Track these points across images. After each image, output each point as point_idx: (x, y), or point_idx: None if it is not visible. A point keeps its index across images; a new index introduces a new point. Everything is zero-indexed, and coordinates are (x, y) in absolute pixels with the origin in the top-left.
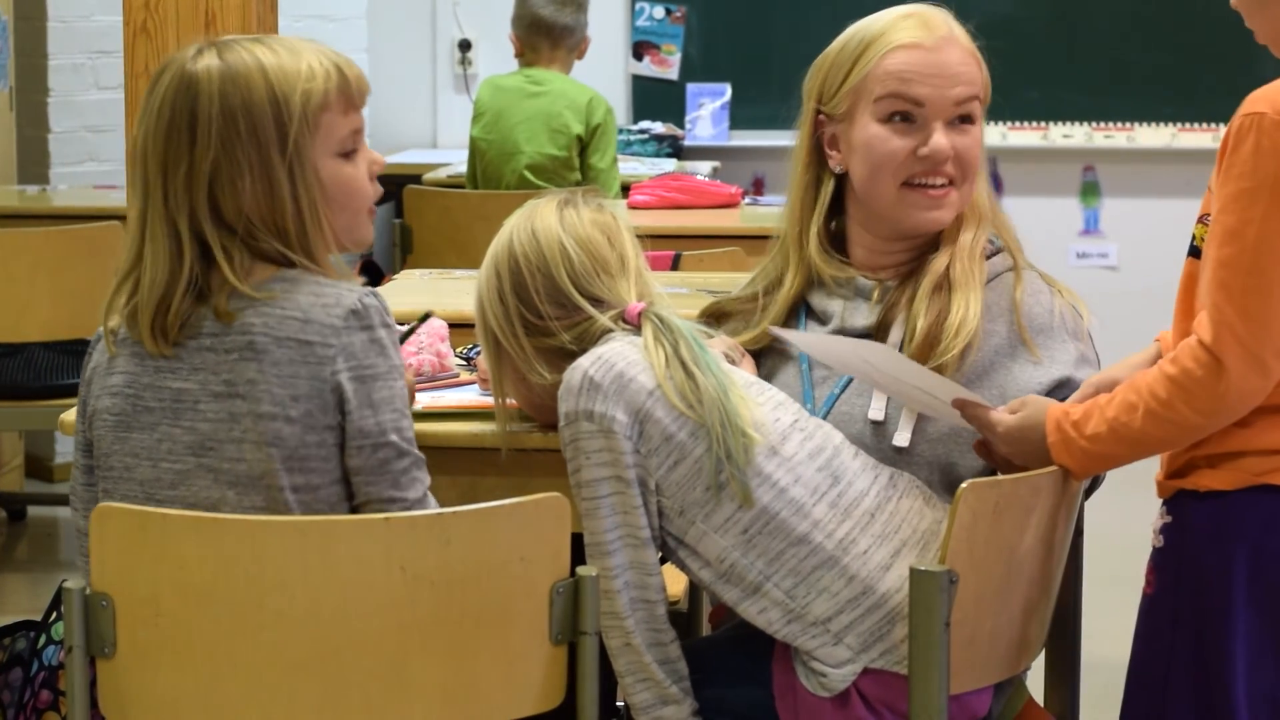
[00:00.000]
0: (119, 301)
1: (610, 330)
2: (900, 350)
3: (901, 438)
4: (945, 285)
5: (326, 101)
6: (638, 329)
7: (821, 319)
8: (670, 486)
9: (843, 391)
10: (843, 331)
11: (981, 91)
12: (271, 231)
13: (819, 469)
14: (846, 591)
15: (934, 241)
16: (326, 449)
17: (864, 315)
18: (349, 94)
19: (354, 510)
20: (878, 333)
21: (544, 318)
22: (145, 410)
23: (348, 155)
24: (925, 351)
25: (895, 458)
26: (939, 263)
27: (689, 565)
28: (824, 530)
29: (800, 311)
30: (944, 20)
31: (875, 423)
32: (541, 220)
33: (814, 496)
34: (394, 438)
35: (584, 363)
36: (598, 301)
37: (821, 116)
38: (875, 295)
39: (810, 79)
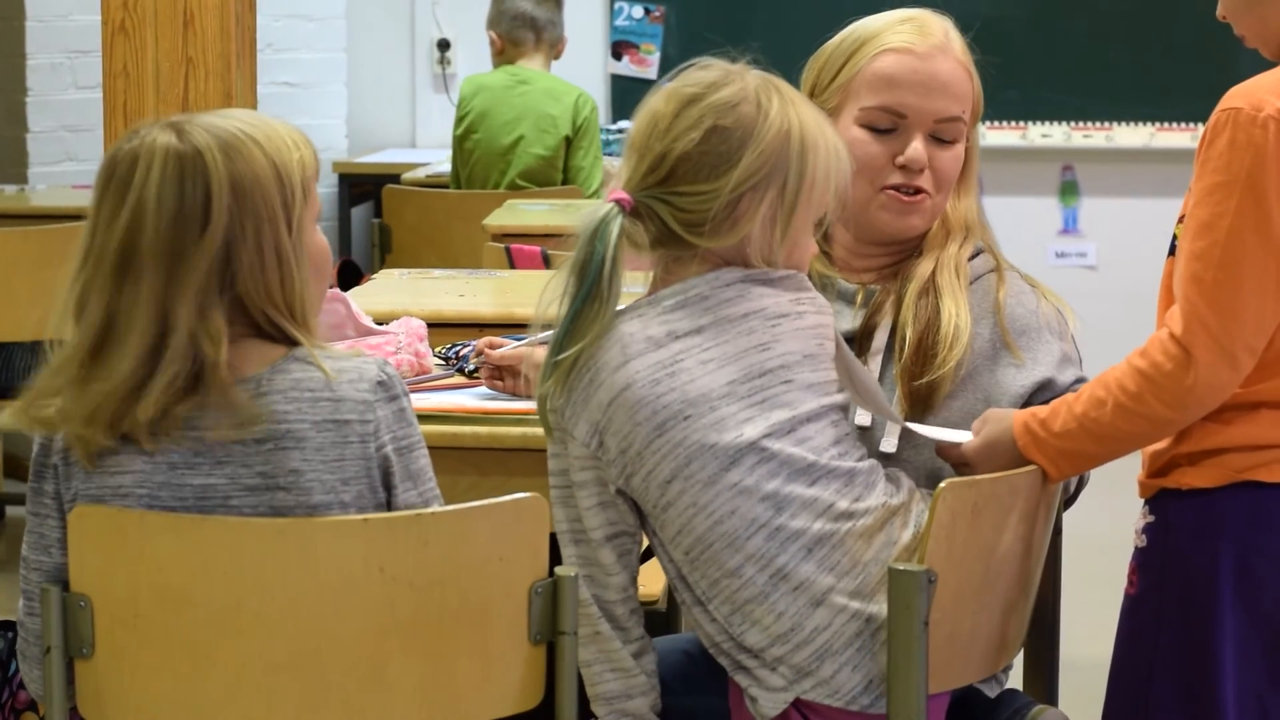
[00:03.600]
0: (86, 406)
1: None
2: (891, 359)
3: (888, 444)
4: (931, 290)
5: (312, 172)
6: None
7: None
8: (631, 493)
9: None
10: None
11: (969, 109)
12: (278, 307)
13: (763, 499)
14: (776, 627)
15: (916, 247)
16: None
17: (847, 320)
18: (318, 165)
19: None
20: (861, 337)
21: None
22: (163, 511)
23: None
24: (920, 363)
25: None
26: (924, 268)
27: (659, 555)
28: (756, 564)
29: None
30: (941, 29)
31: (862, 428)
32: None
33: (750, 529)
34: (435, 505)
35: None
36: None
37: None
38: (859, 299)
39: (807, 70)
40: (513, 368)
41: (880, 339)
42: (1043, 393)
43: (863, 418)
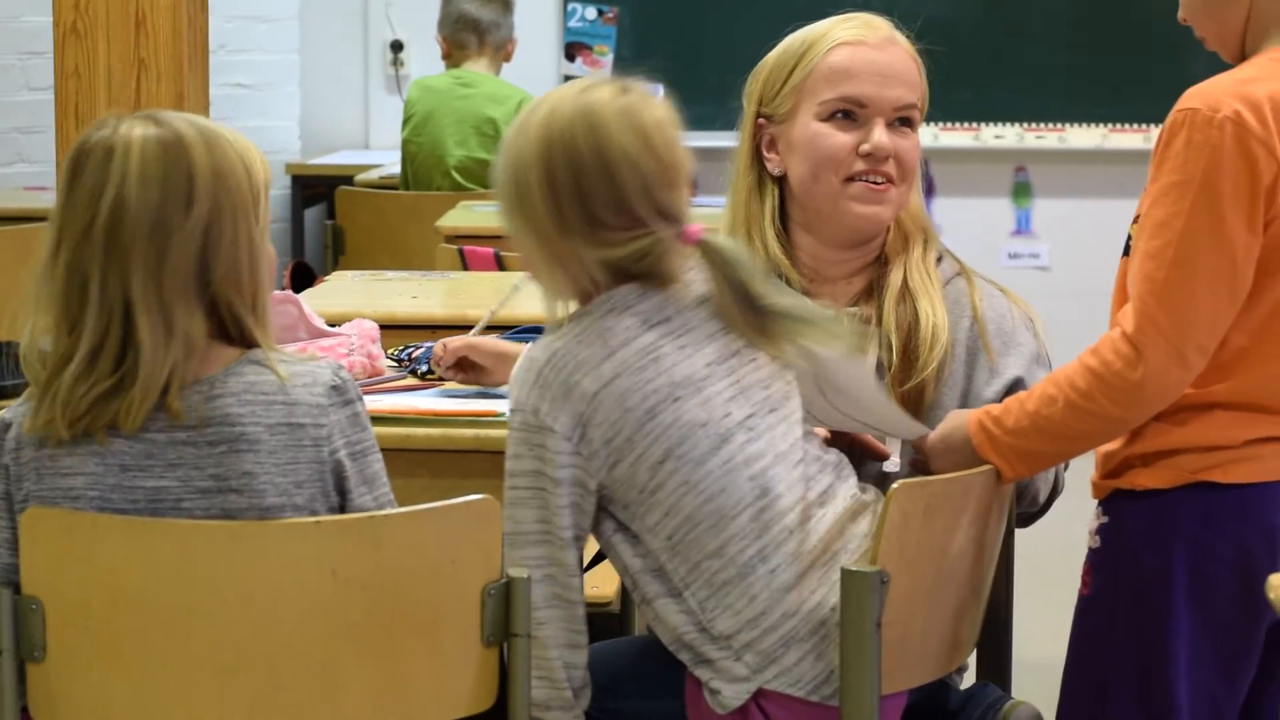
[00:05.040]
0: (68, 395)
1: (654, 267)
2: (881, 372)
3: (892, 464)
4: (906, 295)
5: (267, 179)
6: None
7: None
8: (613, 484)
9: None
10: None
11: (921, 100)
12: (246, 302)
13: (751, 477)
14: (747, 611)
15: (880, 254)
16: None
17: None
18: (269, 177)
19: None
20: None
21: (610, 227)
22: (115, 514)
23: None
24: (906, 368)
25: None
26: (894, 276)
27: (623, 550)
28: (738, 544)
29: None
30: (886, 24)
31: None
32: (609, 117)
33: (738, 508)
34: (389, 511)
35: (539, 356)
36: (668, 216)
37: (761, 120)
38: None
39: (750, 83)
40: (469, 359)
41: (870, 358)
42: (1013, 394)
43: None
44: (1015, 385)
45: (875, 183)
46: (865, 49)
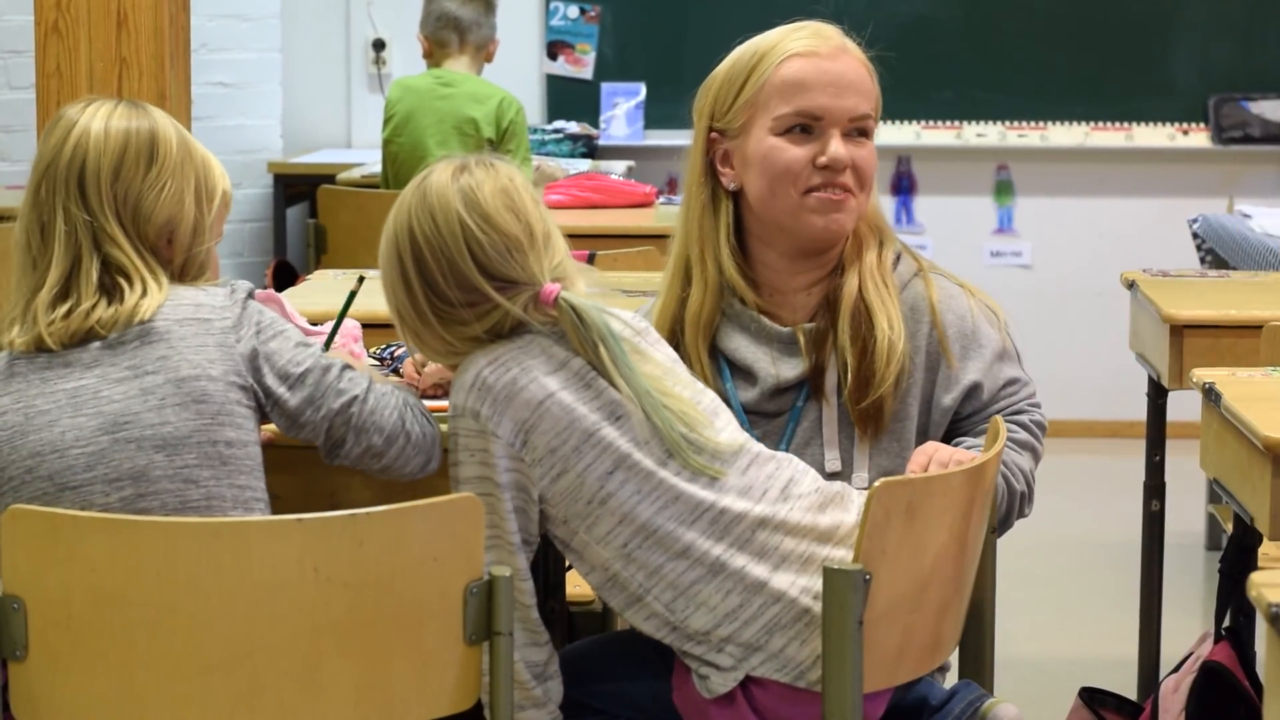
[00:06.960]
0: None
1: (524, 322)
2: (839, 390)
3: (860, 479)
4: (862, 309)
5: (226, 200)
6: (554, 320)
7: (747, 373)
8: (554, 496)
9: (788, 445)
10: (778, 385)
11: (875, 108)
12: (180, 249)
13: (703, 486)
14: (723, 605)
15: (838, 264)
16: (246, 409)
17: (794, 366)
18: (229, 201)
19: (330, 450)
20: (813, 377)
21: (455, 305)
22: (39, 414)
23: None
24: (862, 387)
25: None
26: (850, 286)
27: (578, 568)
28: (700, 547)
29: (720, 360)
30: (836, 33)
31: (833, 473)
32: (438, 198)
33: (694, 514)
34: (309, 362)
35: (481, 360)
36: (511, 284)
37: (714, 134)
38: (802, 343)
39: (700, 98)
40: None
41: (831, 378)
42: (971, 400)
43: (832, 462)
44: (972, 390)
45: (834, 193)
46: (818, 60)
